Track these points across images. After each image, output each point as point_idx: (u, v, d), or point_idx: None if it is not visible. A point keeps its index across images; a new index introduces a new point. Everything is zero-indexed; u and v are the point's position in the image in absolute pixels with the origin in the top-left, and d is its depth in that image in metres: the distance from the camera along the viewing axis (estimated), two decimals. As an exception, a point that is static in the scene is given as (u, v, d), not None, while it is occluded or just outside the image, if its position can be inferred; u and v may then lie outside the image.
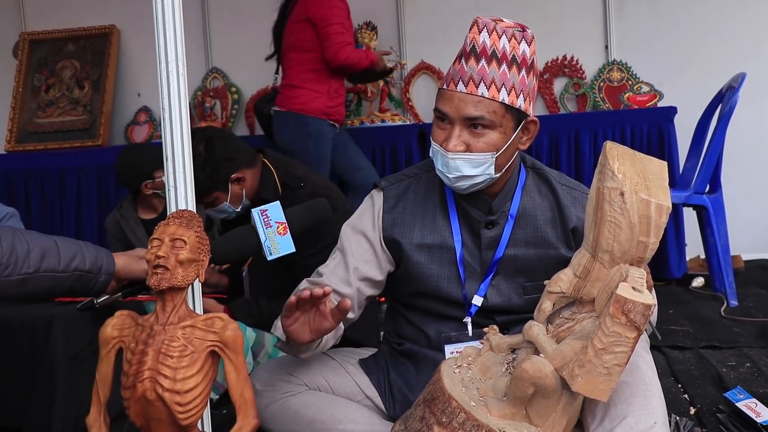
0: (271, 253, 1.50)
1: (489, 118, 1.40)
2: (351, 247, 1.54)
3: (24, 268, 1.25)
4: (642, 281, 1.14)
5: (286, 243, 1.51)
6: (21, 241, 1.27)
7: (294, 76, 3.23)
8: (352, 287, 1.51)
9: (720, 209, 3.09)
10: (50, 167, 3.93)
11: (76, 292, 1.38)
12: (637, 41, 3.90)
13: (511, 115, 1.42)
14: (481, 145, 1.41)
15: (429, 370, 1.43)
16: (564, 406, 1.20)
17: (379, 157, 3.69)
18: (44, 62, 4.39)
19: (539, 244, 1.53)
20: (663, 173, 1.25)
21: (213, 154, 2.13)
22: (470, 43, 1.41)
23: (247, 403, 1.11)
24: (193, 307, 1.34)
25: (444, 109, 1.43)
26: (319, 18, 3.11)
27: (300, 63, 3.21)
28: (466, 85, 1.40)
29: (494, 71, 1.39)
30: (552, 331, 1.27)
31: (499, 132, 1.42)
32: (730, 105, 2.97)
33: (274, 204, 1.52)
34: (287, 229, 1.51)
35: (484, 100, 1.39)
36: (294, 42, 3.22)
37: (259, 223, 1.49)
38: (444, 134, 1.44)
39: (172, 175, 1.32)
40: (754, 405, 1.63)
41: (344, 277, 1.51)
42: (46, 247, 1.30)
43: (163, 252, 1.09)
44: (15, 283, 1.25)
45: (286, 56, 3.30)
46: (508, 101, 1.40)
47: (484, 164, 1.43)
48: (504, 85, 1.39)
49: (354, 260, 1.53)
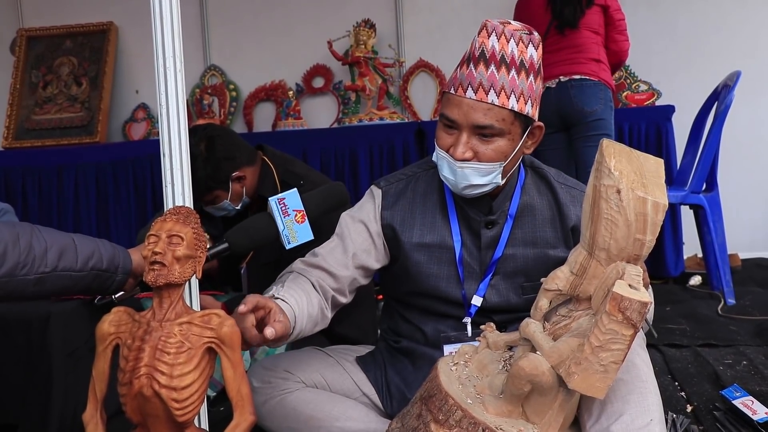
0: (289, 242, 1.46)
1: (498, 126, 1.38)
2: (350, 234, 1.54)
3: (41, 267, 1.23)
4: (639, 279, 1.13)
5: (304, 231, 1.46)
6: (39, 238, 1.24)
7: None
8: (348, 270, 1.51)
9: (717, 208, 3.10)
10: (48, 164, 3.92)
11: (93, 291, 1.37)
12: (635, 40, 3.87)
13: (519, 121, 1.41)
14: (490, 153, 1.40)
15: (426, 368, 1.42)
16: (561, 403, 1.20)
17: (377, 155, 3.69)
18: (42, 59, 4.38)
19: (538, 243, 1.53)
20: (659, 171, 1.24)
21: (214, 153, 2.12)
22: (479, 48, 1.39)
23: (244, 400, 1.10)
24: (191, 304, 1.34)
25: (452, 116, 1.40)
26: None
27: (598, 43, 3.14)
28: (476, 91, 1.37)
29: (503, 77, 1.37)
30: (549, 329, 1.26)
31: (507, 139, 1.41)
32: (725, 103, 2.98)
33: (292, 192, 1.47)
34: (305, 216, 1.47)
35: (494, 108, 1.37)
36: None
37: (276, 212, 1.45)
38: (451, 140, 1.42)
39: (170, 171, 1.32)
40: (751, 403, 1.63)
41: (342, 260, 1.51)
42: (64, 246, 1.28)
43: (160, 248, 1.09)
44: (32, 282, 1.23)
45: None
46: (517, 108, 1.38)
47: (493, 173, 1.43)
48: (513, 92, 1.37)
49: (353, 247, 1.52)
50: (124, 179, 3.83)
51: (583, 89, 2.92)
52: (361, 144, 3.67)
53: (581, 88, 2.92)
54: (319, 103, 4.28)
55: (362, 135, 3.72)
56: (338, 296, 1.51)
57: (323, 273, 1.50)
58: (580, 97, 2.91)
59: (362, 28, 4.01)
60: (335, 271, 1.49)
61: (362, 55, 3.96)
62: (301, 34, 4.25)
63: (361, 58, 3.96)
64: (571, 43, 2.98)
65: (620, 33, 3.12)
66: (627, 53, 3.19)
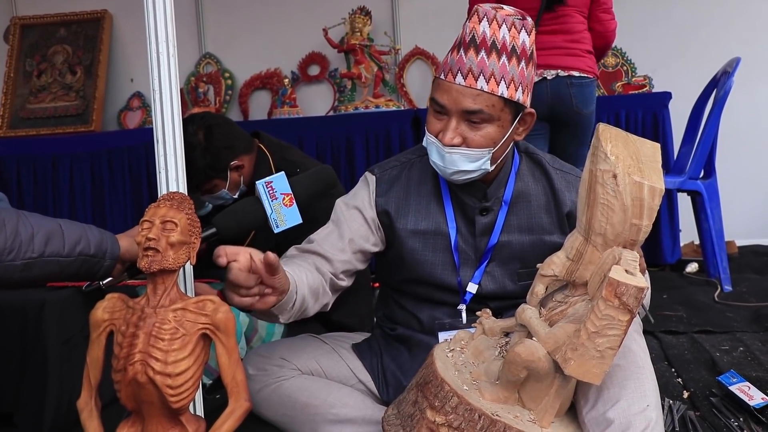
0: (277, 225, 1.43)
1: (488, 112, 1.38)
2: (346, 220, 1.53)
3: (28, 253, 1.23)
4: (635, 264, 1.13)
5: (293, 215, 1.44)
6: (25, 224, 1.24)
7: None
8: (345, 254, 1.50)
9: (714, 194, 3.09)
10: (42, 153, 3.89)
11: (81, 276, 1.36)
12: (631, 27, 3.87)
13: (509, 108, 1.40)
14: (479, 139, 1.40)
15: (422, 355, 1.42)
16: (557, 389, 1.20)
17: (373, 143, 3.67)
18: (36, 47, 4.34)
19: (533, 229, 1.53)
20: (656, 155, 1.24)
21: (213, 142, 2.11)
22: (470, 33, 1.38)
23: (239, 386, 1.10)
24: (185, 290, 1.34)
25: (441, 101, 1.40)
26: None
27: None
28: (465, 77, 1.37)
29: (494, 63, 1.36)
30: (545, 315, 1.26)
31: (497, 125, 1.40)
32: (724, 90, 2.96)
33: (279, 175, 1.45)
34: (293, 200, 1.45)
35: (483, 94, 1.37)
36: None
37: (264, 196, 1.43)
38: (440, 125, 1.42)
39: (163, 157, 1.31)
40: (747, 388, 1.64)
41: (338, 245, 1.50)
42: (51, 231, 1.27)
43: (154, 234, 1.08)
44: (19, 267, 1.22)
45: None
46: (507, 94, 1.38)
47: (481, 159, 1.42)
48: (503, 78, 1.37)
49: (350, 232, 1.52)
50: (120, 168, 3.81)
51: (583, 89, 2.80)
52: (357, 132, 3.65)
53: (581, 87, 2.80)
54: (314, 91, 4.26)
55: (358, 123, 3.69)
56: (336, 280, 1.50)
57: (318, 258, 1.49)
58: (580, 98, 2.80)
59: (358, 15, 3.98)
60: (331, 255, 1.48)
61: (358, 43, 3.93)
62: (297, 22, 4.22)
63: (357, 45, 3.93)
64: (564, 29, 2.87)
65: (606, 12, 2.89)
66: (614, 34, 2.97)
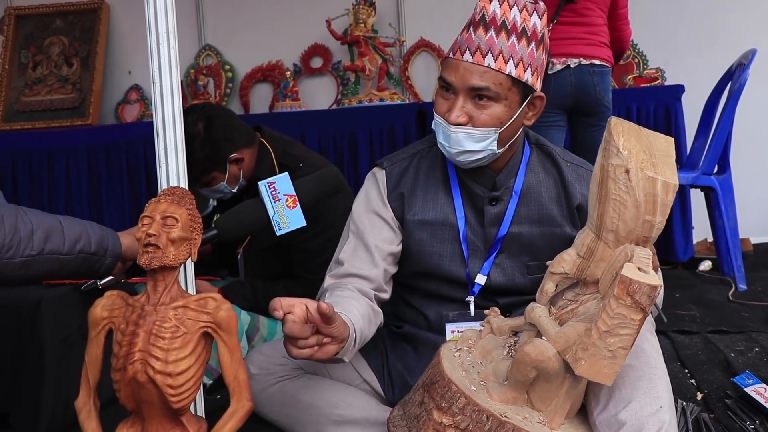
0: (280, 228, 1.43)
1: (494, 90, 1.37)
2: (366, 227, 1.50)
3: (27, 250, 1.21)
4: (648, 261, 1.11)
5: (296, 217, 1.43)
6: (24, 220, 1.22)
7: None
8: (378, 267, 1.47)
9: (729, 190, 3.02)
10: (38, 147, 3.85)
11: (81, 274, 1.34)
12: (643, 17, 3.82)
13: (517, 88, 1.40)
14: (485, 118, 1.39)
15: (429, 354, 1.40)
16: (567, 390, 1.18)
17: (377, 136, 3.64)
18: (31, 38, 4.29)
19: (544, 221, 1.51)
20: (670, 150, 1.22)
21: (212, 133, 2.08)
22: (480, 12, 1.39)
23: (242, 386, 1.08)
24: (186, 288, 1.32)
25: (449, 78, 1.40)
26: None
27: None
28: (473, 54, 1.37)
29: (503, 42, 1.37)
30: (555, 313, 1.24)
31: (504, 105, 1.39)
32: (739, 82, 2.90)
33: (283, 176, 1.44)
34: (297, 202, 1.43)
35: (490, 71, 1.37)
36: None
37: (266, 197, 1.42)
38: (447, 105, 1.42)
39: (164, 151, 1.30)
40: (763, 390, 1.60)
41: (368, 258, 1.47)
42: (51, 228, 1.25)
43: (154, 230, 1.06)
44: (18, 265, 1.21)
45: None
46: (515, 74, 1.38)
47: (487, 139, 1.40)
48: (512, 57, 1.37)
49: (374, 239, 1.49)
50: (117, 162, 3.78)
51: (603, 77, 2.85)
52: (361, 126, 3.62)
53: (602, 75, 2.85)
54: (317, 84, 4.21)
55: (362, 116, 3.66)
56: (379, 294, 1.47)
57: (356, 279, 1.45)
58: (602, 85, 2.84)
59: (361, 6, 3.94)
60: (366, 273, 1.45)
61: (362, 35, 3.89)
62: (299, 13, 4.17)
63: (361, 37, 3.89)
64: (584, 21, 2.89)
65: (622, 21, 3.03)
66: (629, 42, 3.13)
